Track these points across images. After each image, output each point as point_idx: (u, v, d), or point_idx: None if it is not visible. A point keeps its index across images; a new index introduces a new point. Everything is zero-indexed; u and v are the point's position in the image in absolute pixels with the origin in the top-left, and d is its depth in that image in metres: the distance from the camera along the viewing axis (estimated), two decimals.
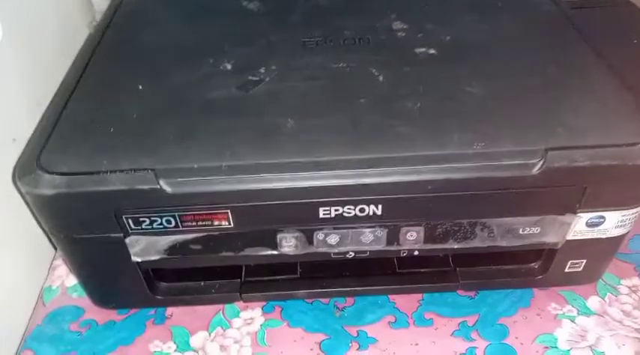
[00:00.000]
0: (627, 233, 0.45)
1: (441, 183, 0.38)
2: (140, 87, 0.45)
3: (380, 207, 0.40)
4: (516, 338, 0.47)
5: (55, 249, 0.55)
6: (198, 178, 0.38)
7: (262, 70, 0.46)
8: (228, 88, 0.44)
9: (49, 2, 0.58)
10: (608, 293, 0.50)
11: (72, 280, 0.53)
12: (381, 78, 0.45)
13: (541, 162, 0.38)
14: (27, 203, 0.42)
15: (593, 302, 0.50)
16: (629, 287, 0.51)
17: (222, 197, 0.39)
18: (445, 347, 0.46)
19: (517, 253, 0.47)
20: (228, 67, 0.47)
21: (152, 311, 0.50)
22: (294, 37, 0.51)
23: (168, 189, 0.38)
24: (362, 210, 0.40)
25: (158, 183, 0.38)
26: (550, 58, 0.47)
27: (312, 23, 0.53)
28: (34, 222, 0.48)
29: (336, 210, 0.40)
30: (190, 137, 0.40)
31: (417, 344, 0.47)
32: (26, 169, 0.39)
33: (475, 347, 0.46)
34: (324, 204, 0.40)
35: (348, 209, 0.40)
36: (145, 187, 0.38)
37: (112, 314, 0.50)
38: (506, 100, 0.42)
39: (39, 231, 0.50)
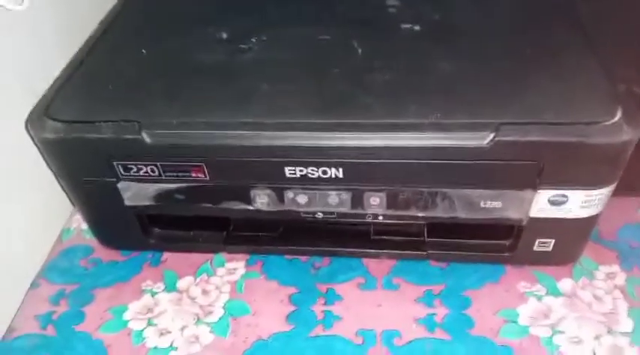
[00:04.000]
0: (597, 215, 0.45)
1: (396, 150, 0.41)
2: (144, 51, 0.50)
3: (340, 170, 0.43)
4: (478, 310, 0.48)
5: None
6: (176, 132, 0.42)
7: (253, 40, 0.50)
8: (218, 55, 0.49)
9: None
10: (582, 277, 0.50)
11: None
12: (360, 50, 0.47)
13: (492, 135, 0.39)
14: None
15: (564, 284, 0.50)
16: (606, 274, 0.51)
17: (196, 150, 0.43)
18: (406, 311, 0.48)
19: (487, 228, 0.48)
20: (224, 36, 0.51)
21: (149, 255, 0.56)
22: (290, 10, 0.54)
23: (148, 139, 0.42)
24: (324, 172, 0.43)
25: (140, 134, 0.42)
26: (534, 41, 0.47)
27: None
28: None
29: (300, 171, 0.43)
30: (175, 96, 0.45)
31: (379, 306, 0.49)
32: (35, 116, 0.45)
33: (434, 314, 0.48)
34: (288, 164, 0.43)
35: (312, 170, 0.43)
36: (129, 137, 0.43)
37: (116, 255, 0.56)
38: (474, 77, 0.44)
39: None
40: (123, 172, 0.46)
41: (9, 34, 0.50)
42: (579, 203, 0.43)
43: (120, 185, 0.47)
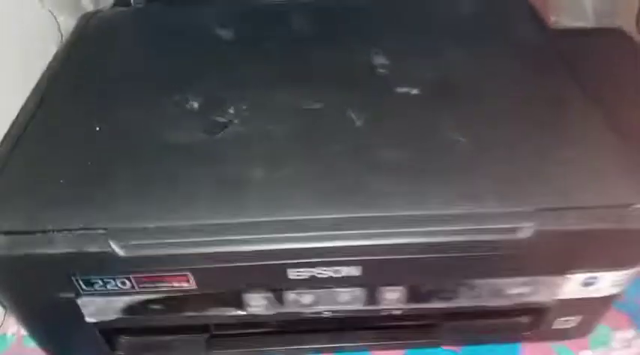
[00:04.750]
0: (622, 290, 0.42)
1: (421, 246, 0.35)
2: (97, 128, 0.42)
3: (354, 269, 0.37)
4: None
5: None
6: (154, 241, 0.34)
7: (231, 111, 0.43)
8: (193, 132, 0.41)
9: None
10: (600, 347, 0.47)
11: None
12: (358, 122, 0.42)
13: (531, 225, 0.35)
14: None
15: None
16: (622, 340, 0.48)
17: (181, 260, 0.35)
18: None
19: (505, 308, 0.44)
20: (195, 105, 0.44)
21: None
22: (268, 71, 0.47)
23: (120, 252, 0.34)
24: (336, 272, 0.37)
25: (109, 246, 0.34)
26: (541, 102, 0.44)
27: (289, 56, 0.49)
28: None
29: (307, 272, 0.37)
30: (147, 191, 0.37)
31: None
32: None
33: None
34: (293, 266, 0.36)
35: (321, 271, 0.37)
36: (95, 250, 0.34)
37: None
38: (493, 152, 0.39)
39: None
40: (84, 287, 0.37)
41: None
42: (609, 283, 0.40)
43: (80, 301, 0.38)
